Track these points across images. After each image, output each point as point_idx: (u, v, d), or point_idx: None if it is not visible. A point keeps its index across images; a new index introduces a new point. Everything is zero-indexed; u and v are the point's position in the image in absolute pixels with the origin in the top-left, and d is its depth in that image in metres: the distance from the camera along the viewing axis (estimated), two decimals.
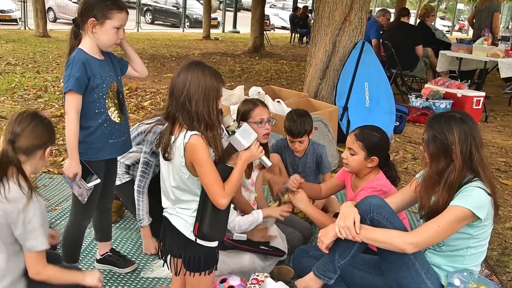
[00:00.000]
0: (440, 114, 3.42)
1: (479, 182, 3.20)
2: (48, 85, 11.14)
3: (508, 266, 4.53)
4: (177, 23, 32.80)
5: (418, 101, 10.11)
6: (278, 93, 8.20)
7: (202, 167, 2.98)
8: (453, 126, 3.23)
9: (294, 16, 28.30)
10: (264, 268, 4.09)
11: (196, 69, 3.02)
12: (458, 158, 3.21)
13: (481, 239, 3.31)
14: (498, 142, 8.79)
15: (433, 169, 3.34)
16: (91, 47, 3.49)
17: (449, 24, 46.42)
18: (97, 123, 3.52)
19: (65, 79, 3.39)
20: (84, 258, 4.31)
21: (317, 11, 8.39)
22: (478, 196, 3.16)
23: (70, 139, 3.39)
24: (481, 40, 10.85)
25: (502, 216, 5.59)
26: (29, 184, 2.98)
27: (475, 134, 3.24)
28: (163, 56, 17.73)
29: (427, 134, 3.33)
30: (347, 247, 3.45)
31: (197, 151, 2.96)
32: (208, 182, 2.99)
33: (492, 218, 3.26)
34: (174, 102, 3.02)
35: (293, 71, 16.42)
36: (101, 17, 3.41)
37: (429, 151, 3.34)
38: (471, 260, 3.35)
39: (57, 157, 6.68)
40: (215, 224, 3.08)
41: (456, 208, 3.16)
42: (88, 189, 3.53)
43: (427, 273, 3.32)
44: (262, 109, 4.40)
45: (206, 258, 3.18)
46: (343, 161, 4.21)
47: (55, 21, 27.87)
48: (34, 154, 3.04)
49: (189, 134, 2.96)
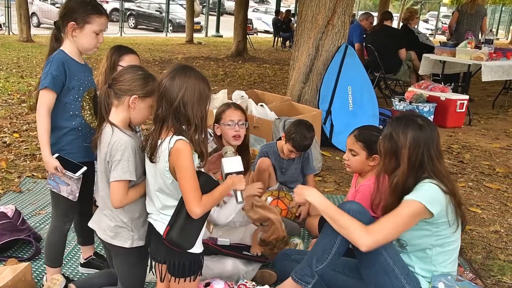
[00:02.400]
0: (406, 114, 3.45)
1: (433, 180, 3.17)
2: (32, 90, 10.99)
3: (492, 270, 4.51)
4: (160, 27, 32.81)
5: (402, 104, 10.08)
6: (261, 97, 8.17)
7: (182, 172, 2.93)
8: (408, 130, 3.21)
9: (277, 20, 28.30)
10: (247, 272, 4.07)
11: (192, 74, 3.01)
12: (405, 163, 3.20)
13: (444, 236, 3.27)
14: (482, 145, 8.78)
15: (383, 166, 3.37)
16: (71, 50, 3.53)
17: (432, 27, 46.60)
18: (71, 125, 3.52)
19: (43, 77, 3.41)
20: (68, 262, 4.29)
21: (300, 15, 8.39)
22: (430, 190, 3.14)
23: (41, 135, 3.39)
24: (465, 43, 10.85)
25: (486, 220, 5.58)
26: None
27: (430, 144, 3.21)
28: (147, 60, 17.64)
29: (386, 130, 3.33)
30: (325, 252, 3.43)
31: (180, 157, 2.92)
32: (186, 188, 2.94)
33: (453, 216, 3.22)
34: (166, 105, 2.97)
35: (276, 75, 16.39)
36: (81, 21, 3.45)
37: (382, 147, 3.34)
38: (440, 259, 3.32)
39: (41, 162, 6.57)
40: (185, 232, 3.02)
41: (408, 202, 3.14)
42: (77, 180, 3.50)
43: (407, 278, 3.29)
44: (233, 111, 4.45)
45: (191, 264, 3.15)
46: (345, 163, 4.32)
47: (39, 26, 27.83)
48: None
49: (175, 139, 2.93)
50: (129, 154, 3.12)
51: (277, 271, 4.11)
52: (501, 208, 5.99)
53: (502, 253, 4.84)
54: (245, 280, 3.88)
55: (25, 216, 4.90)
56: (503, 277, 4.40)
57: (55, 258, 3.85)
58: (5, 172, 6.24)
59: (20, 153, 6.95)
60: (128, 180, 3.13)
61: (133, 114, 3.23)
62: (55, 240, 3.82)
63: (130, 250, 3.31)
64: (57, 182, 3.50)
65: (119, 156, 3.11)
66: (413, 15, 13.01)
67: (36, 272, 4.07)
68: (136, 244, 3.31)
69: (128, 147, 3.12)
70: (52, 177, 3.45)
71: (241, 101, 7.14)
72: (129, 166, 3.11)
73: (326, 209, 3.38)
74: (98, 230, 3.38)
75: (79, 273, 4.12)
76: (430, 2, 52.39)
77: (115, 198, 3.15)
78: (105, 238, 3.34)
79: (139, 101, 3.19)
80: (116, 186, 3.13)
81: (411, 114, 3.46)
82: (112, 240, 3.30)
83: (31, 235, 4.46)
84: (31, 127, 8.17)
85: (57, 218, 3.78)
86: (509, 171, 7.36)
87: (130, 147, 3.12)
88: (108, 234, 3.30)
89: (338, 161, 7.40)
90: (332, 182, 6.59)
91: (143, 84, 3.19)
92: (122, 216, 3.26)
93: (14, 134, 7.77)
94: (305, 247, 4.62)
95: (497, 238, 5.15)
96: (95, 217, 3.43)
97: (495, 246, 4.98)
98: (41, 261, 4.18)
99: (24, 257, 4.29)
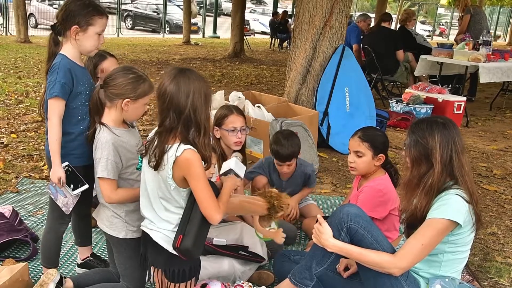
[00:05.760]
0: (423, 119, 3.41)
1: (457, 190, 3.16)
2: (29, 91, 11.11)
3: (489, 272, 4.51)
4: (157, 28, 32.82)
5: (399, 106, 10.11)
6: (258, 98, 8.16)
7: (196, 182, 2.91)
8: (434, 131, 3.21)
9: (274, 21, 28.30)
10: (244, 272, 4.06)
11: (193, 76, 2.97)
12: (438, 162, 3.19)
13: (458, 245, 3.26)
14: (479, 147, 8.78)
15: (414, 173, 3.31)
16: (73, 53, 3.50)
17: (429, 28, 46.66)
18: (79, 130, 3.52)
19: (50, 85, 3.38)
20: (65, 263, 4.31)
21: (297, 16, 8.37)
22: (455, 204, 3.12)
23: (53, 144, 3.39)
24: (462, 44, 10.84)
25: (484, 222, 5.53)
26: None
27: (456, 140, 3.22)
28: (144, 61, 17.66)
29: (409, 138, 3.31)
30: (325, 255, 3.43)
31: (191, 167, 2.89)
32: (204, 197, 2.93)
33: (471, 225, 3.22)
34: (174, 115, 2.90)
35: (273, 76, 16.38)
36: (84, 24, 3.44)
37: (410, 155, 3.31)
38: (448, 266, 3.30)
39: (39, 162, 6.65)
40: (198, 240, 3.00)
41: (434, 221, 3.11)
42: (74, 197, 3.52)
43: (407, 280, 3.26)
44: (236, 117, 4.42)
45: (191, 269, 3.17)
46: (350, 166, 4.29)
47: (36, 27, 27.86)
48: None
49: (182, 148, 2.88)
50: (108, 153, 3.22)
51: (275, 272, 4.12)
52: (498, 210, 5.99)
53: (499, 255, 4.84)
54: (242, 281, 3.87)
55: (22, 217, 4.89)
56: (500, 279, 4.40)
57: (51, 258, 3.88)
58: (2, 172, 6.23)
59: (17, 153, 6.94)
60: (111, 179, 3.24)
61: (127, 115, 3.33)
62: (50, 241, 3.84)
63: (125, 242, 3.39)
64: (57, 190, 3.52)
65: (99, 154, 3.24)
66: (410, 16, 13.00)
67: (33, 272, 4.07)
68: (131, 236, 3.38)
69: (109, 146, 3.22)
70: (54, 183, 3.45)
71: (238, 102, 7.14)
72: (107, 165, 3.22)
73: (349, 252, 3.30)
74: (98, 219, 3.48)
75: (76, 273, 4.11)
76: (427, 4, 52.48)
77: (103, 194, 3.30)
78: (102, 227, 3.45)
79: (131, 103, 3.27)
80: (101, 183, 3.27)
81: (427, 117, 3.48)
82: (107, 229, 3.41)
83: (28, 236, 4.46)
84: (28, 128, 8.18)
85: (53, 220, 3.80)
86: (506, 173, 7.37)
87: (111, 146, 3.23)
88: (105, 223, 3.42)
89: (335, 162, 7.41)
90: (329, 184, 6.59)
91: (135, 88, 3.26)
92: (116, 207, 3.37)
93: (11, 134, 7.76)
94: (302, 248, 4.63)
95: (494, 240, 5.15)
96: (98, 207, 3.54)
97: (492, 248, 4.98)
98: (38, 261, 4.19)
99: (22, 257, 4.29)
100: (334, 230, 3.35)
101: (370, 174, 4.28)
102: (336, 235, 3.33)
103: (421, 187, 3.25)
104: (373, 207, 4.13)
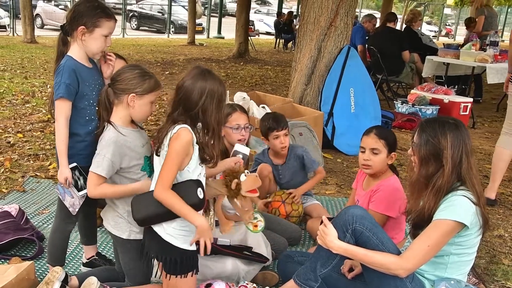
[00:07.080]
0: (433, 118, 3.42)
1: (464, 191, 3.16)
2: (35, 91, 11.15)
3: (496, 275, 4.49)
4: (162, 28, 32.82)
5: (404, 107, 10.09)
6: (263, 98, 8.17)
7: (169, 156, 3.02)
8: (446, 131, 3.20)
9: (279, 21, 28.27)
10: (247, 272, 4.06)
11: (211, 78, 3.10)
12: (449, 163, 3.17)
13: (464, 247, 3.25)
14: (485, 148, 8.75)
15: (422, 173, 3.31)
16: (80, 54, 3.52)
17: (435, 29, 46.55)
18: (88, 130, 3.54)
19: (56, 86, 3.42)
20: (71, 262, 4.31)
21: (302, 16, 8.36)
22: (462, 205, 3.11)
23: (60, 144, 3.42)
24: (469, 45, 10.78)
25: (490, 224, 5.52)
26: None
27: (467, 141, 3.22)
28: (149, 61, 17.69)
29: (419, 137, 3.30)
30: (330, 257, 3.43)
31: (175, 140, 3.00)
32: (163, 170, 3.03)
33: (478, 227, 3.21)
34: (182, 110, 3.05)
35: (278, 77, 16.38)
36: (91, 25, 3.45)
37: (419, 154, 3.30)
38: (454, 268, 3.29)
39: (44, 162, 6.69)
40: (140, 200, 3.18)
41: (441, 222, 3.11)
42: (80, 198, 3.54)
43: (412, 282, 3.26)
44: (239, 115, 4.46)
45: (183, 261, 3.21)
46: (365, 163, 4.24)
47: (43, 27, 27.92)
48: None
49: (178, 127, 3.00)
50: (107, 151, 3.26)
51: (279, 272, 4.11)
52: (505, 212, 5.96)
53: (506, 257, 4.82)
54: (246, 282, 3.87)
55: (29, 215, 4.90)
56: (507, 282, 4.39)
57: (57, 257, 3.90)
58: (9, 171, 6.25)
59: (23, 153, 6.96)
60: (100, 175, 3.27)
61: (133, 112, 3.36)
62: (57, 239, 3.87)
63: (129, 242, 3.44)
64: (64, 191, 3.55)
65: (99, 150, 3.29)
66: (416, 16, 12.97)
67: (39, 271, 4.09)
68: (134, 237, 3.42)
69: (110, 144, 3.26)
70: (61, 183, 3.47)
71: (243, 102, 7.14)
72: (103, 162, 3.26)
73: (355, 253, 3.30)
74: (104, 219, 3.53)
75: (81, 272, 4.10)
76: (433, 4, 52.37)
77: (87, 186, 3.36)
78: (107, 227, 3.50)
79: (137, 99, 3.30)
80: (90, 176, 3.31)
81: (437, 117, 3.48)
82: (112, 229, 3.47)
83: (34, 234, 4.48)
84: (34, 128, 8.20)
85: (60, 219, 3.82)
86: None
87: (112, 145, 3.27)
88: (110, 223, 3.47)
89: (339, 163, 7.40)
90: (334, 185, 6.58)
91: (140, 82, 3.30)
92: (119, 208, 3.42)
93: (18, 134, 7.79)
94: (306, 249, 4.63)
95: (501, 243, 5.14)
96: (105, 207, 3.57)
97: (499, 250, 4.96)
98: (44, 260, 4.22)
99: (28, 255, 4.31)
100: (339, 231, 3.34)
101: (381, 173, 4.27)
102: (341, 237, 3.32)
103: (430, 188, 3.24)
104: (390, 205, 4.14)
